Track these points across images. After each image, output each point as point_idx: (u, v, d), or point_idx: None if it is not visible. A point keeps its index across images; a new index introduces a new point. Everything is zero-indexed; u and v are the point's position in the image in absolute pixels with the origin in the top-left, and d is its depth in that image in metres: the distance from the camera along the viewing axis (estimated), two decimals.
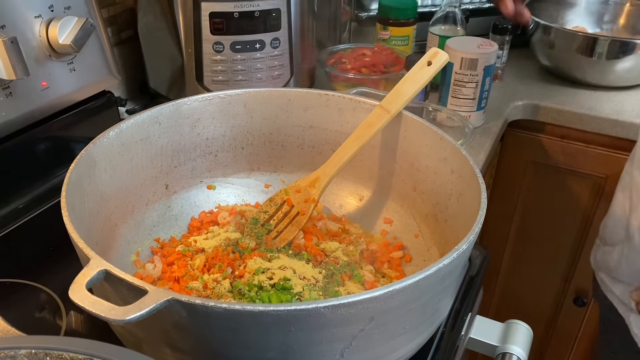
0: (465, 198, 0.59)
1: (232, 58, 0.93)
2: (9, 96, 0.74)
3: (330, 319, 0.42)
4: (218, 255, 0.65)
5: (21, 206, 0.80)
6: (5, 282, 0.67)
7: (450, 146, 0.63)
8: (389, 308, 0.44)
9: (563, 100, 1.17)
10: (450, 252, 0.46)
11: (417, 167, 0.68)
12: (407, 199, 0.71)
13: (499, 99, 1.16)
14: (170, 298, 0.41)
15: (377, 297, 0.42)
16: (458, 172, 0.61)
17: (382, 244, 0.70)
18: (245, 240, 0.67)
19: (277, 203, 0.72)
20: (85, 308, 0.40)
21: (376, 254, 0.68)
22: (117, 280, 0.43)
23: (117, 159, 0.65)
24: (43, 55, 0.77)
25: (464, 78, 1.00)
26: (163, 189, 0.72)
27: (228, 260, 0.64)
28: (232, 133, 0.75)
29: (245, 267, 0.62)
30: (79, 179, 0.57)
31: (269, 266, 0.62)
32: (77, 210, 0.54)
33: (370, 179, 0.75)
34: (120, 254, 0.65)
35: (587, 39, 1.16)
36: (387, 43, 1.17)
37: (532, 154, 1.24)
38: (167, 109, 0.69)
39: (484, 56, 0.98)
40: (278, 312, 0.41)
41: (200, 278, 0.63)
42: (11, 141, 0.78)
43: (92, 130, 0.89)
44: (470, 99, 1.01)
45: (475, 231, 0.49)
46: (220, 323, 0.42)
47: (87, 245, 0.47)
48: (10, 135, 0.77)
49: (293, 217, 0.70)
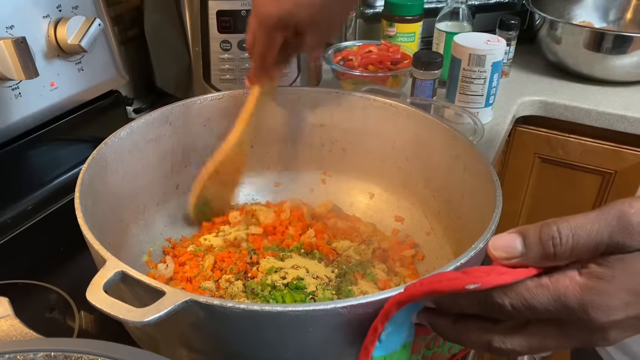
0: (479, 195, 0.58)
1: (239, 56, 0.92)
2: (18, 97, 0.74)
3: (348, 319, 0.42)
4: (230, 255, 0.65)
5: (30, 207, 0.80)
6: (17, 283, 0.67)
7: (463, 143, 0.62)
8: None
9: (570, 95, 1.16)
10: (467, 251, 0.46)
11: (428, 164, 0.68)
12: (418, 196, 0.71)
13: (506, 95, 1.15)
14: (189, 299, 0.41)
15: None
16: (471, 169, 0.61)
17: (393, 242, 0.70)
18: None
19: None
20: (103, 310, 0.40)
21: (388, 252, 0.68)
22: (134, 281, 0.43)
23: (129, 159, 0.64)
24: (51, 55, 0.77)
25: (472, 74, 0.99)
26: (174, 189, 0.72)
27: (240, 260, 0.64)
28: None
29: (257, 267, 0.62)
30: (91, 180, 0.57)
31: (282, 265, 0.62)
32: (90, 211, 0.54)
33: (381, 177, 0.75)
34: (132, 254, 0.65)
35: (594, 34, 1.15)
36: (394, 40, 1.17)
37: (539, 150, 1.23)
38: (177, 109, 0.69)
39: (492, 52, 0.97)
40: (296, 313, 0.40)
41: (211, 278, 0.63)
42: (20, 141, 0.78)
43: (101, 130, 0.89)
44: (478, 95, 1.01)
45: (491, 229, 0.49)
46: (238, 323, 0.42)
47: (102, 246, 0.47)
48: (19, 136, 0.77)
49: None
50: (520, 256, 0.35)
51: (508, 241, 0.36)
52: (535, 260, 0.35)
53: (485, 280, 0.34)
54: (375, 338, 0.41)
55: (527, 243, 0.35)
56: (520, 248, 0.35)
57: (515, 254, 0.35)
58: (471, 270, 0.37)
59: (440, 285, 0.36)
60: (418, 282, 0.39)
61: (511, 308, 0.35)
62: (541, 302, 0.34)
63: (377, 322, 0.41)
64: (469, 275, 0.35)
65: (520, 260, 0.35)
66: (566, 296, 0.34)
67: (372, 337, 0.41)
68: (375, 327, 0.41)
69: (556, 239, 0.34)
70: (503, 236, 0.36)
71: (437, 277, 0.37)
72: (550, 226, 0.35)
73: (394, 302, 0.40)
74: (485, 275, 0.35)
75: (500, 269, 0.36)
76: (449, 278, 0.36)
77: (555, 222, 0.35)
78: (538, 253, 0.35)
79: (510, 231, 0.36)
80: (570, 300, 0.34)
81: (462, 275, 0.36)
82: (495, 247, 0.36)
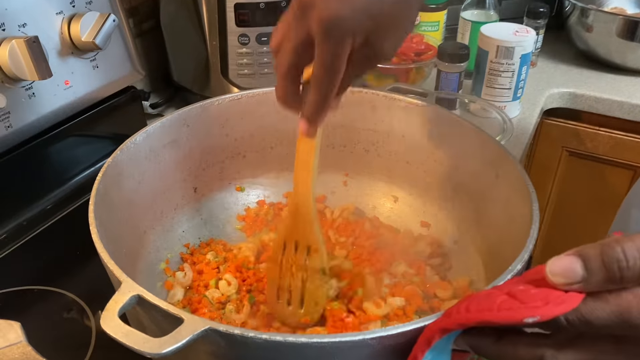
0: (512, 205, 0.55)
1: (258, 50, 0.89)
2: (32, 97, 0.72)
3: (377, 350, 0.39)
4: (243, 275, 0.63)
5: (49, 206, 0.79)
6: (32, 290, 0.66)
7: (495, 149, 0.59)
8: None
9: (601, 87, 1.11)
10: (504, 274, 0.43)
11: (457, 168, 0.65)
12: (446, 201, 0.68)
13: (533, 86, 1.11)
14: (208, 328, 0.38)
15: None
16: (504, 176, 0.58)
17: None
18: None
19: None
20: (118, 340, 0.38)
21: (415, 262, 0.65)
22: (150, 306, 0.41)
23: (145, 164, 0.62)
24: (65, 53, 0.75)
25: (499, 67, 0.95)
26: (192, 193, 0.70)
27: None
28: (261, 133, 0.72)
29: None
30: (106, 189, 0.54)
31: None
32: (105, 223, 0.51)
33: (406, 180, 0.72)
34: (149, 262, 0.63)
35: (627, 21, 1.10)
36: (417, 29, 1.13)
37: (567, 143, 1.19)
38: (194, 111, 0.66)
39: (521, 44, 0.93)
40: (322, 344, 0.38)
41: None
42: (36, 141, 0.76)
43: (117, 127, 0.88)
44: (506, 88, 0.97)
45: (529, 248, 0.46)
46: (259, 354, 0.40)
47: (117, 258, 0.45)
48: (35, 136, 0.75)
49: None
50: (581, 281, 0.32)
51: (567, 265, 0.33)
52: (598, 285, 0.32)
53: (544, 313, 0.32)
54: None
55: (588, 267, 0.32)
56: (581, 272, 0.32)
57: (577, 278, 0.32)
58: (520, 294, 0.34)
59: (493, 316, 0.33)
60: (463, 307, 0.36)
61: (566, 323, 0.32)
62: (600, 317, 0.32)
63: (417, 350, 0.38)
64: (526, 306, 0.32)
65: (582, 285, 0.32)
66: (629, 312, 0.31)
67: None
68: (415, 356, 0.38)
69: (622, 261, 0.31)
70: (561, 259, 0.33)
71: (486, 303, 0.34)
72: (613, 248, 0.31)
73: (438, 329, 0.37)
74: (542, 304, 0.32)
75: (552, 292, 0.33)
76: (502, 308, 0.33)
77: (619, 243, 0.31)
78: (601, 277, 0.32)
79: (568, 253, 0.33)
80: (634, 317, 0.31)
81: (516, 304, 0.33)
82: (553, 273, 0.33)
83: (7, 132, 0.70)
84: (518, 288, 0.34)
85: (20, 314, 0.62)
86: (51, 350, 0.50)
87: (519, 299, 0.33)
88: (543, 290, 0.33)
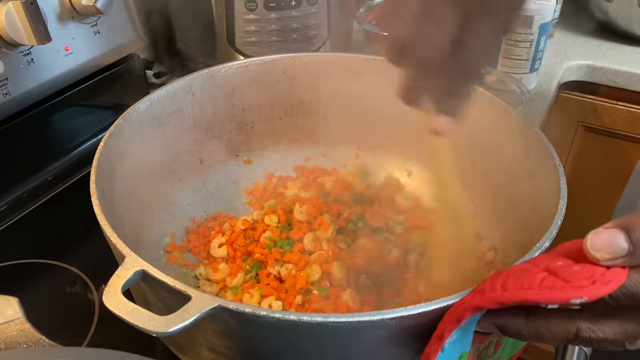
0: (537, 180, 0.52)
1: (265, 17, 0.85)
2: (30, 63, 0.69)
3: (395, 330, 0.37)
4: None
5: (50, 178, 0.76)
6: (33, 263, 0.64)
7: (518, 121, 0.56)
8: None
9: (621, 59, 1.07)
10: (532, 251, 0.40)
11: (476, 142, 0.62)
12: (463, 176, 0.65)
13: (550, 58, 1.07)
14: (217, 305, 0.36)
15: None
16: (528, 151, 0.55)
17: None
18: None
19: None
20: (122, 317, 0.36)
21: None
22: (156, 282, 0.38)
23: (149, 133, 0.59)
24: (65, 17, 0.71)
25: (517, 37, 0.91)
26: (197, 164, 0.67)
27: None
28: (269, 102, 0.69)
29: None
30: (108, 159, 0.52)
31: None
32: (107, 195, 0.49)
33: (421, 153, 0.69)
34: (154, 236, 0.61)
35: None
36: None
37: (583, 117, 1.15)
38: (200, 78, 0.63)
39: (541, 12, 0.89)
40: (338, 324, 0.36)
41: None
42: (35, 110, 0.73)
43: (120, 97, 0.85)
44: (523, 59, 0.93)
45: (557, 224, 0.43)
46: (271, 333, 0.37)
47: (120, 231, 0.42)
48: (34, 105, 0.72)
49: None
50: (627, 255, 0.30)
51: (609, 239, 0.30)
52: None
53: (592, 294, 0.29)
54: (439, 347, 0.36)
55: (634, 239, 0.30)
56: (626, 246, 0.30)
57: (622, 253, 0.30)
58: (562, 271, 0.31)
59: (534, 294, 0.31)
60: (499, 284, 0.33)
61: (609, 298, 0.30)
62: None
63: (444, 328, 0.35)
64: (571, 286, 0.30)
65: (627, 260, 0.30)
66: None
67: (437, 345, 0.36)
68: (442, 334, 0.36)
69: None
70: (601, 233, 0.31)
71: (525, 280, 0.32)
72: None
73: (470, 307, 0.34)
74: (588, 283, 0.30)
75: (596, 269, 0.30)
76: (545, 286, 0.31)
77: None
78: None
79: (608, 225, 0.31)
80: None
81: (560, 283, 0.30)
82: (595, 248, 0.30)
83: (5, 99, 0.67)
84: (557, 264, 0.32)
85: (20, 289, 0.60)
86: (52, 326, 0.47)
87: (561, 277, 0.30)
88: (586, 266, 0.30)
